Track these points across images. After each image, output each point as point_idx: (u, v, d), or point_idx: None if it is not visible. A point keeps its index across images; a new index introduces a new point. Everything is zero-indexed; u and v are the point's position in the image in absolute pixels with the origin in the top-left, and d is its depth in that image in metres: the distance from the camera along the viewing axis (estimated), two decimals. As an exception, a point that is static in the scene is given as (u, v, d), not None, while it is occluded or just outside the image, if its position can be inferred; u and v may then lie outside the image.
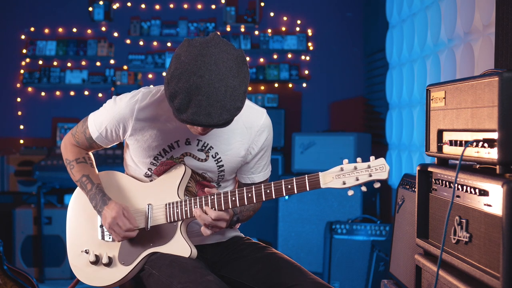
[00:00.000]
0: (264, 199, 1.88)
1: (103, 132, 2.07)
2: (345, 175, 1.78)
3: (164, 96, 1.98)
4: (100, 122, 2.06)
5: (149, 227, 2.02)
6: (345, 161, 1.80)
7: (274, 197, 1.86)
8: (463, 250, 1.66)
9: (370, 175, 1.77)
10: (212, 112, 1.71)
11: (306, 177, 1.82)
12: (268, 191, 1.86)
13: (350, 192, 1.79)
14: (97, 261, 2.08)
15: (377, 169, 1.76)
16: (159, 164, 2.06)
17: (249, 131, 2.03)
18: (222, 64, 1.71)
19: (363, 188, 1.80)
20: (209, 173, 2.07)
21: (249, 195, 1.88)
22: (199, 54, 1.72)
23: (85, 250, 2.11)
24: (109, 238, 2.09)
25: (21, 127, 5.62)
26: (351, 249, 3.95)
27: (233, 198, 1.90)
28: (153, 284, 1.94)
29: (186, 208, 1.97)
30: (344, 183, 1.78)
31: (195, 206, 1.95)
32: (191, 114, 1.71)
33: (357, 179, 1.77)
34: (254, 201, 1.89)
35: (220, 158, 2.04)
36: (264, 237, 4.72)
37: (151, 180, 2.11)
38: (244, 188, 1.90)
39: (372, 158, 1.78)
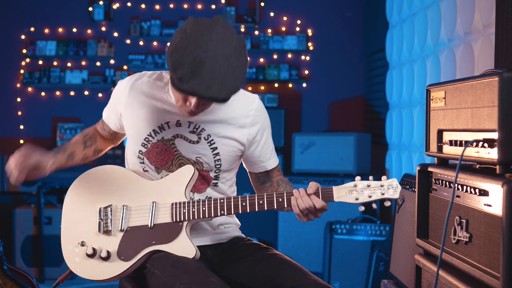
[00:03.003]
0: (275, 208, 1.92)
1: (107, 111, 2.19)
2: (358, 191, 1.86)
3: (160, 77, 2.07)
4: (108, 103, 2.20)
5: (152, 224, 2.02)
6: (358, 178, 1.87)
7: (285, 206, 1.90)
8: (463, 250, 1.66)
9: (383, 194, 1.84)
10: (212, 86, 1.75)
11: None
12: (280, 199, 1.91)
13: (361, 208, 1.87)
14: (94, 254, 2.05)
15: (389, 188, 1.84)
16: (150, 146, 2.07)
17: (242, 115, 2.06)
18: (227, 42, 1.78)
19: (374, 206, 1.87)
20: (203, 158, 2.06)
21: (261, 201, 1.92)
22: (206, 30, 1.78)
23: (81, 242, 2.07)
24: (109, 229, 2.06)
25: (21, 127, 5.62)
26: (351, 249, 3.95)
27: (244, 204, 1.93)
28: (155, 283, 1.93)
29: (194, 209, 1.97)
30: (357, 199, 1.86)
31: (203, 208, 1.96)
32: (192, 84, 1.76)
33: (370, 196, 1.85)
34: (265, 208, 1.92)
35: (213, 140, 2.04)
36: (264, 237, 4.72)
37: (146, 171, 2.10)
38: (256, 195, 1.93)
39: (383, 178, 1.86)
